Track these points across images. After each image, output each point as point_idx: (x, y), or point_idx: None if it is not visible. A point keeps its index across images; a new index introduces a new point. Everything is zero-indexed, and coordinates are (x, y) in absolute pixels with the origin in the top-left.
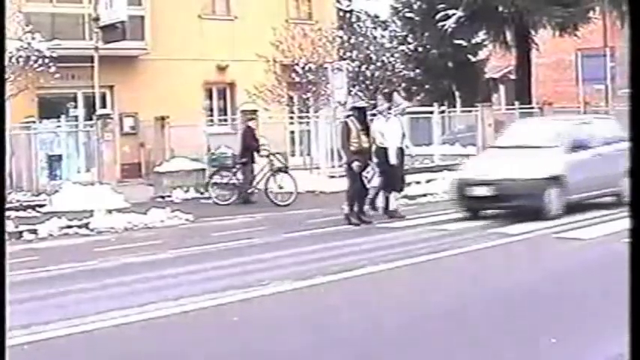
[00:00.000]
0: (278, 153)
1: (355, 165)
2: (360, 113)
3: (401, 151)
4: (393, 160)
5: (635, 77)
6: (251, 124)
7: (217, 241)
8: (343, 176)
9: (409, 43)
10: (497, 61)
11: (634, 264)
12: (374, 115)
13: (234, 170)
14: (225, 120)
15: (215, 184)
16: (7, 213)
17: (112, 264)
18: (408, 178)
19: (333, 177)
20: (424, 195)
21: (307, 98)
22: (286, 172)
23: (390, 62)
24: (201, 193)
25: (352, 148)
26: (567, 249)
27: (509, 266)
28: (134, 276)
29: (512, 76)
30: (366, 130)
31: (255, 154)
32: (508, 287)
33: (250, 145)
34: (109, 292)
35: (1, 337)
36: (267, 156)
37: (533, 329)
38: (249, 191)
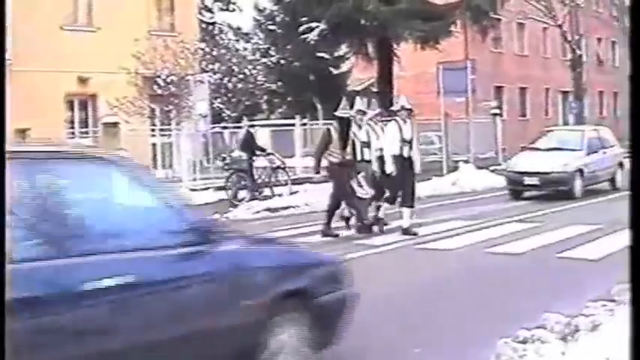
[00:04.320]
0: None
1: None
2: (343, 124)
3: (406, 160)
4: (389, 168)
5: (635, 78)
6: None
7: None
8: (206, 189)
9: (271, 56)
10: (359, 74)
11: (634, 265)
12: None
13: (248, 172)
14: (87, 132)
15: (233, 185)
16: None
17: None
18: (268, 192)
19: (194, 190)
20: (287, 207)
21: (169, 110)
22: (284, 169)
23: (252, 74)
24: None
25: (334, 159)
26: (427, 259)
27: (370, 278)
28: None
29: (375, 89)
30: (343, 142)
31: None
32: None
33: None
34: None
35: (1, 338)
36: (267, 155)
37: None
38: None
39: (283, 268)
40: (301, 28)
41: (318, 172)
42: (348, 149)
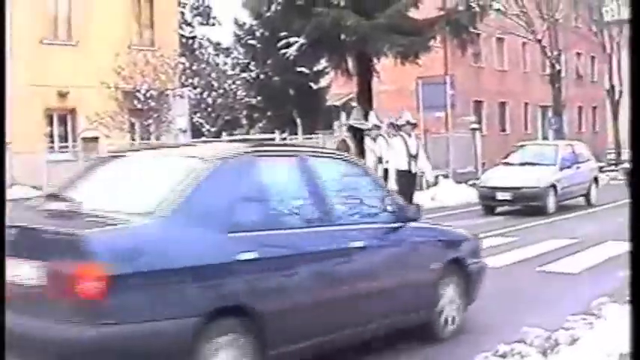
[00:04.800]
0: None
1: None
2: (357, 134)
3: (412, 176)
4: (391, 184)
5: (634, 80)
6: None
7: None
8: None
9: (251, 71)
10: (339, 89)
11: (634, 265)
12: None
13: None
14: (67, 147)
15: None
16: None
17: None
18: None
19: None
20: None
21: (149, 125)
22: None
23: (231, 89)
24: None
25: None
26: None
27: None
28: None
29: (354, 104)
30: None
31: None
32: None
33: None
34: None
35: (1, 337)
36: None
37: None
38: None
39: (450, 242)
40: (280, 43)
41: None
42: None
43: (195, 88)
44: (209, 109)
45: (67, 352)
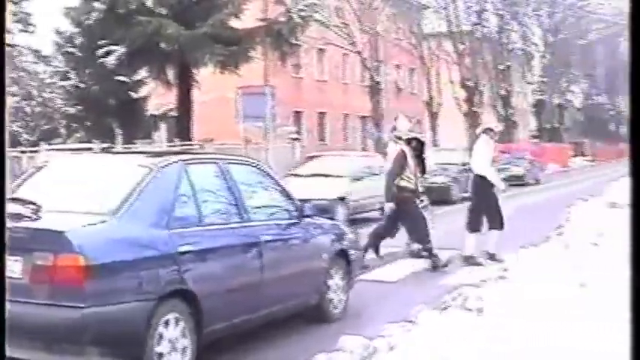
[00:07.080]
0: None
1: (388, 206)
2: (418, 145)
3: (487, 181)
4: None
5: (634, 79)
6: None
7: None
8: None
9: (70, 79)
10: (159, 99)
11: (635, 264)
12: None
13: None
14: None
15: None
16: None
17: None
18: None
19: None
20: None
21: None
22: None
23: (50, 98)
24: None
25: (406, 184)
26: None
27: None
28: None
29: (174, 113)
30: (422, 166)
31: None
32: None
33: None
34: None
35: (1, 336)
36: None
37: None
38: None
39: (336, 235)
40: (99, 52)
41: (391, 201)
42: (419, 176)
43: (13, 96)
44: (27, 119)
45: (55, 330)
